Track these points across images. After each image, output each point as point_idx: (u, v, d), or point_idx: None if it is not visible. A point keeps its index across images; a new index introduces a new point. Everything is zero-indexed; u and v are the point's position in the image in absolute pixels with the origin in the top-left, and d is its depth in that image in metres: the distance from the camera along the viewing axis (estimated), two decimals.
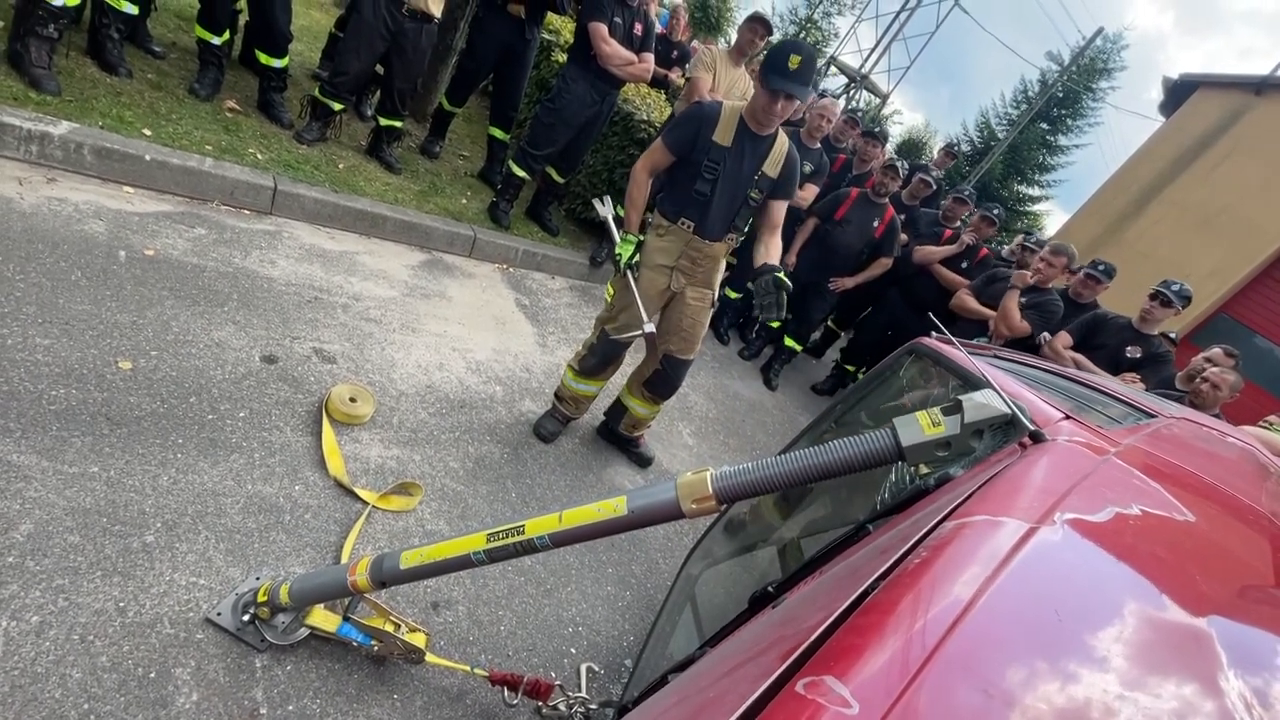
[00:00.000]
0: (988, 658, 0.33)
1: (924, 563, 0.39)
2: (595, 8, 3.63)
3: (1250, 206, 7.60)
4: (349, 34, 3.50)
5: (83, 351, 1.94)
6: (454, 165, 4.54)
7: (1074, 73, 19.86)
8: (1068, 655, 0.35)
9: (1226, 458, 1.24)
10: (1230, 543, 0.67)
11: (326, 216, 3.24)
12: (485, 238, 3.88)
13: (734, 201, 2.34)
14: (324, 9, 6.11)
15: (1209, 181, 8.03)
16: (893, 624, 0.34)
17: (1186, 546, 0.60)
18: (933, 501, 0.82)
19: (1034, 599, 0.39)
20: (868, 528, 0.93)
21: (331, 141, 3.73)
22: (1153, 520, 0.59)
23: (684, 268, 2.47)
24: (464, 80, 4.26)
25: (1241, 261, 7.62)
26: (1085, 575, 0.45)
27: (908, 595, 0.36)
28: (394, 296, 3.08)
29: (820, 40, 25.02)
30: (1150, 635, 0.40)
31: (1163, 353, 3.80)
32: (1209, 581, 0.50)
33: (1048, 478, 0.59)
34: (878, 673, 0.30)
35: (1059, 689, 0.33)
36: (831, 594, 0.45)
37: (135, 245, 2.43)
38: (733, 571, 1.88)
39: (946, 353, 1.47)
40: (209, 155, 2.94)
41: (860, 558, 0.59)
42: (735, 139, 2.27)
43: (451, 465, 2.38)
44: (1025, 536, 0.43)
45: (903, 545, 0.46)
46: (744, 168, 2.29)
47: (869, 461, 1.11)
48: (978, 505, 0.50)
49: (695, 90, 3.92)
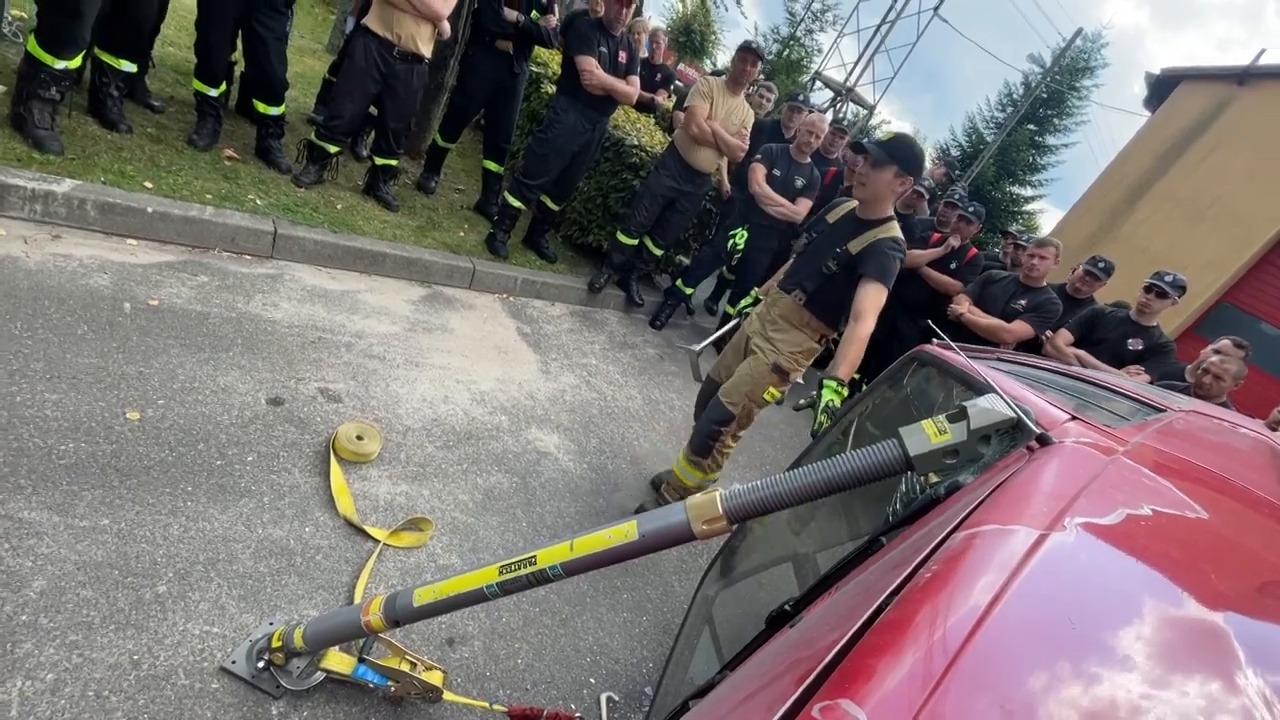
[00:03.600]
0: (1003, 672, 0.33)
1: (935, 577, 0.39)
2: (581, 41, 3.71)
3: (1241, 196, 7.62)
4: (342, 78, 3.58)
5: (91, 404, 1.96)
6: (450, 199, 4.60)
7: (1057, 73, 20.09)
8: (1083, 663, 0.35)
9: (1239, 449, 1.23)
10: (1244, 537, 0.66)
11: (327, 257, 3.28)
12: (484, 269, 3.92)
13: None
14: (316, 56, 6.26)
15: (1198, 173, 8.07)
16: (906, 642, 0.34)
17: (1199, 544, 0.60)
18: (943, 511, 0.81)
19: (1047, 608, 0.39)
20: (881, 540, 0.93)
21: (329, 183, 3.79)
22: (1163, 519, 0.59)
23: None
24: (456, 116, 4.34)
25: (1237, 250, 7.62)
26: (1097, 580, 0.45)
27: (920, 611, 0.36)
28: (396, 332, 3.10)
29: (803, 56, 25.42)
30: (1165, 637, 0.40)
31: (1164, 343, 3.79)
32: (1223, 578, 0.50)
33: (1056, 482, 0.59)
34: (893, 694, 0.30)
35: (1075, 699, 0.32)
36: (846, 612, 0.44)
37: (140, 296, 2.46)
38: (749, 591, 1.86)
39: (948, 359, 1.47)
40: (210, 204, 2.99)
41: (873, 573, 0.59)
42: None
43: (461, 498, 2.38)
44: (1036, 544, 0.43)
45: (914, 558, 0.46)
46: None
47: (878, 473, 1.10)
48: (987, 514, 0.49)
49: (692, 118, 3.99)
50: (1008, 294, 4.03)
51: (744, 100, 4.17)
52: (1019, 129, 21.02)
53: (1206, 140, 8.11)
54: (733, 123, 4.08)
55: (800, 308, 2.43)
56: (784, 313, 2.48)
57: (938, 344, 1.67)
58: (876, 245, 2.22)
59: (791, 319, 2.47)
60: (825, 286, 2.36)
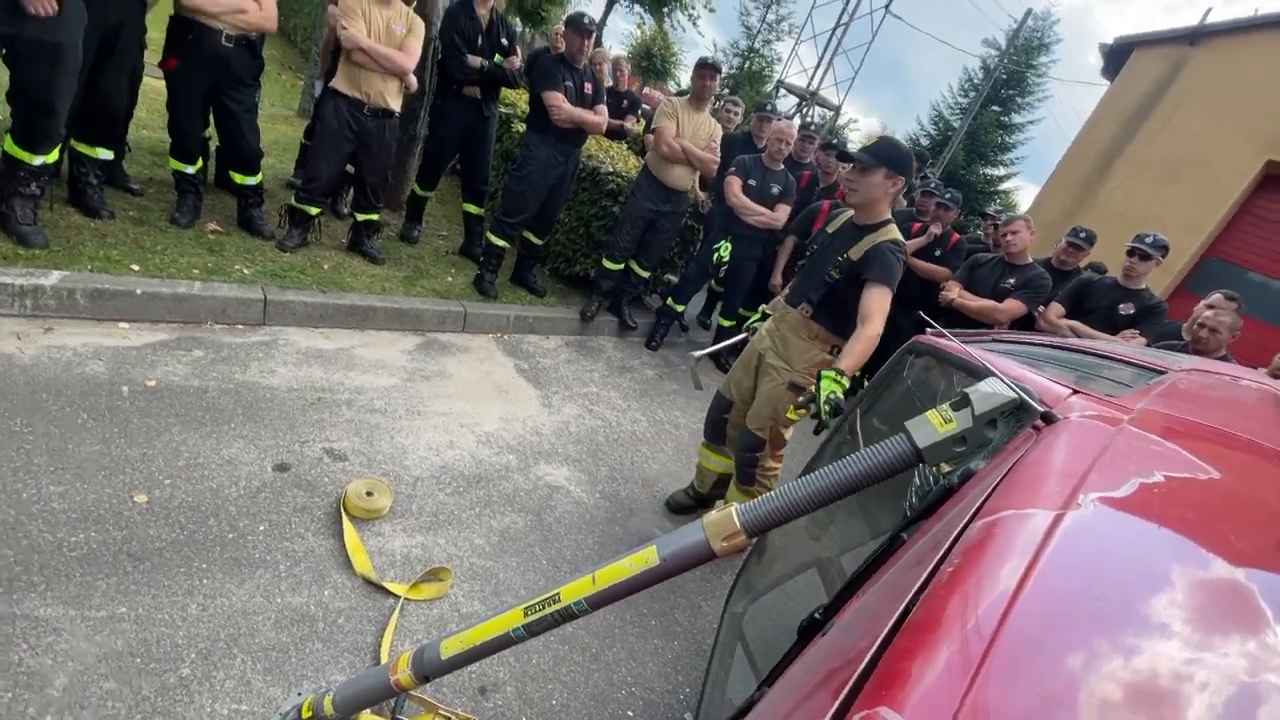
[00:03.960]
0: (1037, 659, 0.33)
1: (957, 571, 0.39)
2: (546, 77, 3.78)
3: (1208, 151, 7.73)
4: (316, 141, 3.64)
5: (98, 492, 1.95)
6: (435, 246, 4.64)
7: (1013, 55, 20.49)
8: (1115, 639, 0.35)
9: (1243, 402, 1.23)
10: (1258, 492, 0.66)
11: (319, 317, 3.29)
12: (476, 311, 3.94)
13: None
14: (289, 121, 6.36)
15: (1164, 135, 8.19)
16: (936, 641, 0.34)
17: (1214, 505, 0.60)
18: (959, 500, 0.81)
19: (1072, 588, 0.39)
20: (902, 536, 0.92)
21: (314, 244, 3.82)
22: (1176, 484, 0.59)
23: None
24: (432, 165, 4.40)
25: (1213, 205, 7.70)
26: (1118, 554, 0.45)
27: (946, 608, 0.36)
28: (395, 384, 3.10)
29: (765, 67, 25.92)
30: (1193, 602, 0.40)
31: (1155, 304, 3.81)
32: (1242, 537, 0.50)
33: (1066, 459, 0.59)
34: (929, 696, 0.30)
35: (1113, 674, 0.32)
36: (874, 616, 0.44)
37: (136, 378, 2.47)
38: (777, 602, 1.84)
39: (944, 346, 1.48)
40: (197, 279, 3.01)
41: (896, 572, 0.58)
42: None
43: (477, 543, 2.36)
44: (1053, 526, 0.43)
45: (935, 553, 0.46)
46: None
47: (889, 469, 1.10)
48: (1001, 500, 0.50)
49: (661, 138, 4.05)
50: (996, 274, 4.06)
51: (709, 115, 4.24)
52: (984, 112, 21.39)
53: (1167, 102, 8.25)
54: (701, 138, 4.14)
55: (808, 320, 2.45)
56: (794, 327, 2.51)
57: (932, 333, 1.68)
58: (877, 249, 2.24)
59: (801, 333, 2.49)
60: (830, 296, 2.38)
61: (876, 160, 2.21)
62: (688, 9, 9.76)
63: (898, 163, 2.22)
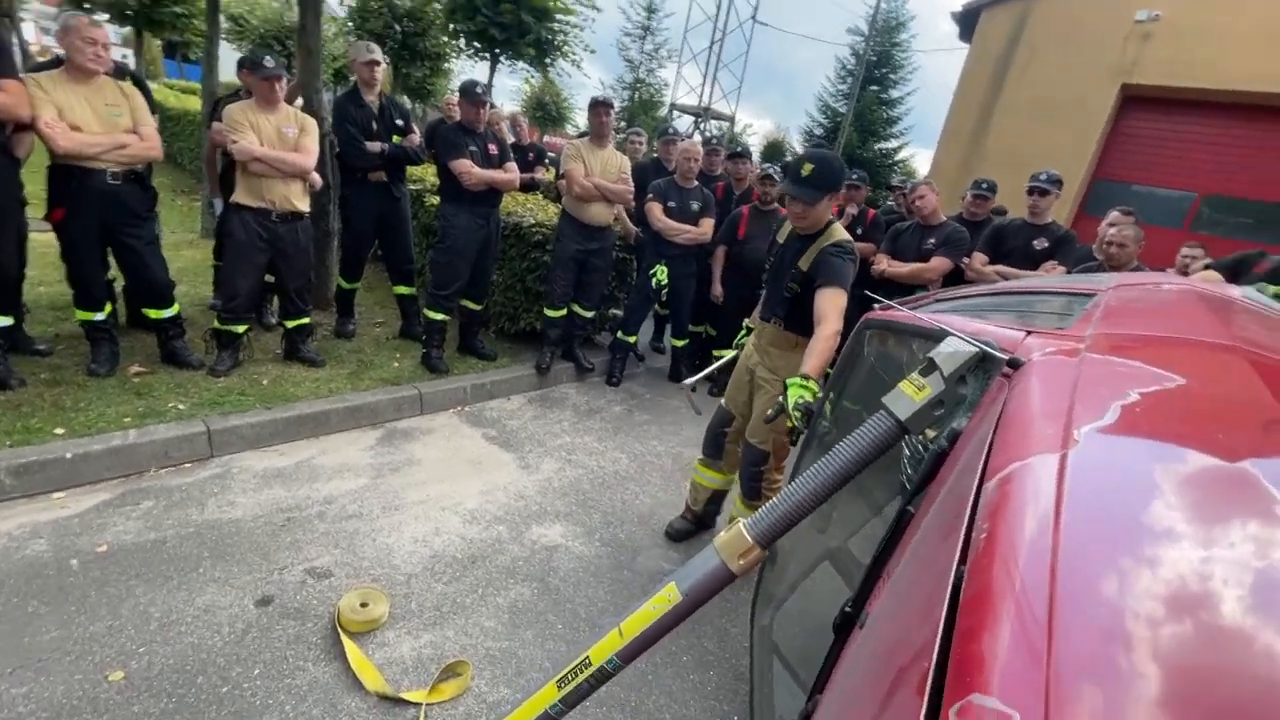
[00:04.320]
0: (1100, 604, 0.34)
1: (990, 537, 0.40)
2: (450, 147, 3.80)
3: (1071, 87, 8.39)
4: (227, 258, 3.53)
5: (67, 682, 1.78)
6: (373, 336, 4.54)
7: (876, 38, 21.87)
8: (1164, 560, 0.36)
9: (1173, 305, 1.32)
10: (1221, 386, 0.70)
11: (269, 435, 3.15)
12: (430, 390, 3.85)
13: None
14: (194, 245, 6.15)
15: (1028, 80, 8.85)
16: (999, 615, 0.34)
17: (1193, 407, 0.63)
18: (956, 460, 0.83)
19: (1104, 524, 0.40)
20: (909, 510, 0.93)
21: (247, 363, 3.68)
22: (1151, 397, 0.62)
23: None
24: (353, 257, 4.33)
25: (1087, 133, 8.33)
26: (1131, 478, 0.47)
27: (994, 578, 0.36)
28: (365, 484, 2.99)
29: (654, 93, 26.81)
30: (1215, 501, 0.42)
31: (1065, 234, 4.06)
32: (1230, 430, 0.53)
33: (1046, 401, 0.61)
34: (1015, 671, 0.30)
35: (1176, 596, 0.33)
36: (922, 601, 0.44)
37: (85, 548, 2.29)
38: (802, 605, 1.82)
39: (895, 318, 1.53)
40: (131, 427, 2.85)
41: (922, 547, 0.59)
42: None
43: (487, 625, 2.26)
44: (1061, 470, 0.45)
45: (959, 522, 0.47)
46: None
47: (880, 447, 1.12)
48: (1003, 456, 0.51)
49: (573, 180, 4.11)
50: (916, 239, 4.25)
51: (614, 150, 4.34)
52: (864, 93, 22.64)
53: (1023, 51, 8.94)
54: (611, 172, 4.23)
55: (783, 332, 2.53)
56: (772, 340, 2.59)
57: (879, 308, 1.74)
58: (822, 254, 2.33)
59: (780, 344, 2.56)
60: (794, 308, 2.46)
61: (820, 192, 2.28)
62: (569, 56, 10.03)
63: (837, 181, 2.31)
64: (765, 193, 4.55)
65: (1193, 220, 8.19)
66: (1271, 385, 0.66)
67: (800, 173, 2.28)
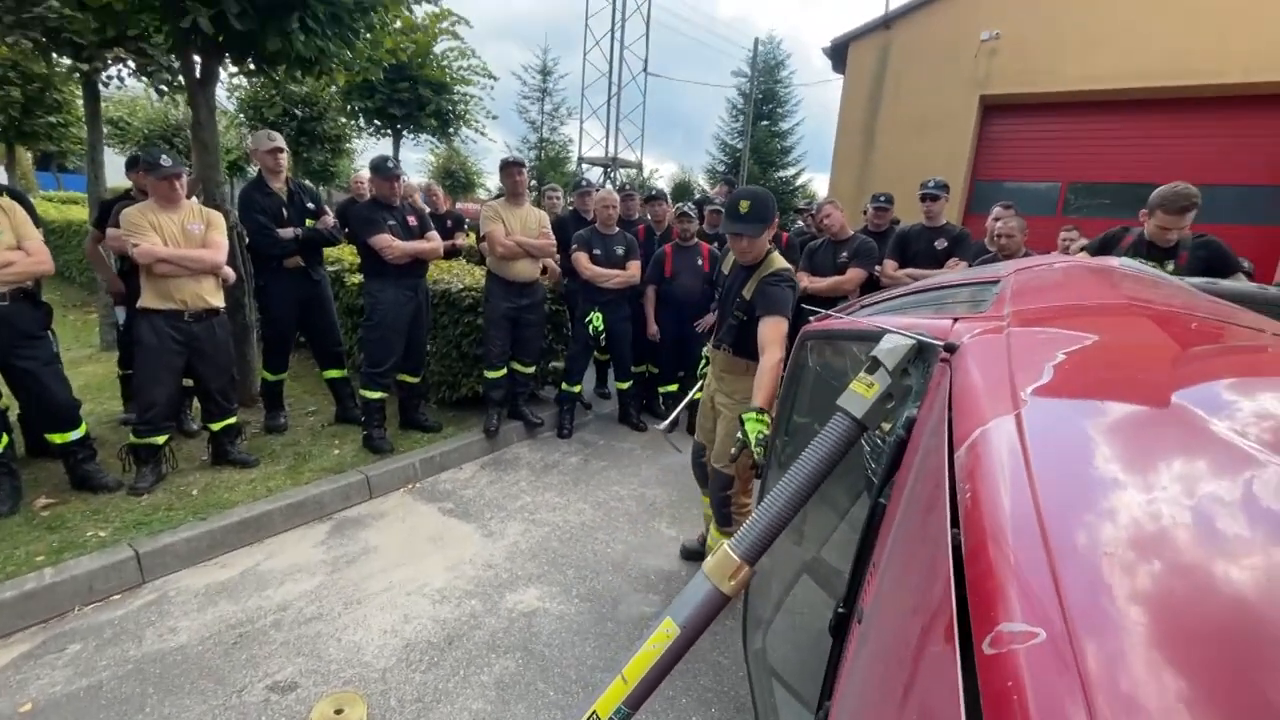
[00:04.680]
0: (1085, 526, 0.38)
1: (974, 495, 0.44)
2: (367, 224, 3.77)
3: (939, 101, 9.26)
4: (139, 366, 3.31)
5: None
6: (308, 425, 4.33)
7: (759, 78, 23.46)
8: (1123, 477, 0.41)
9: (1069, 277, 1.47)
10: (1130, 335, 0.80)
11: (207, 548, 2.92)
12: (377, 472, 3.70)
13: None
14: (94, 359, 5.74)
15: (901, 101, 9.70)
16: (1003, 554, 0.38)
17: (1111, 356, 0.72)
18: (917, 444, 0.89)
19: (1068, 461, 0.45)
20: (881, 502, 0.98)
21: (172, 475, 3.42)
22: (1075, 354, 0.70)
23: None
24: (276, 347, 4.16)
25: (960, 140, 9.18)
26: (1077, 418, 0.53)
27: (990, 527, 0.40)
28: (321, 582, 2.81)
29: (560, 150, 27.53)
30: (1146, 425, 0.49)
31: (960, 233, 4.42)
32: (1144, 370, 0.61)
33: (987, 373, 0.68)
34: (1031, 596, 0.33)
35: (1143, 505, 0.38)
36: (923, 570, 0.48)
37: (5, 711, 2.03)
38: (790, 622, 1.84)
39: (832, 326, 1.62)
40: (44, 565, 2.58)
41: (913, 524, 0.63)
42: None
43: (476, 708, 2.15)
44: (1019, 425, 0.50)
45: (940, 493, 0.51)
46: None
47: (843, 447, 1.18)
48: (965, 425, 0.56)
49: (495, 242, 4.14)
50: (830, 255, 4.51)
51: (530, 206, 4.43)
52: (756, 128, 24.11)
53: (891, 75, 9.81)
54: (531, 229, 4.30)
55: (733, 358, 2.63)
56: (725, 368, 2.69)
57: (815, 320, 1.83)
58: (760, 285, 2.46)
59: (732, 369, 2.66)
60: (741, 335, 2.56)
61: (762, 224, 2.41)
62: (472, 124, 10.21)
63: (770, 213, 2.44)
64: (684, 230, 4.73)
65: (1063, 206, 9.08)
66: (1165, 328, 0.76)
67: (739, 211, 2.42)
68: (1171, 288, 1.43)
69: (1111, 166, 8.65)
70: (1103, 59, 8.10)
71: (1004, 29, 8.69)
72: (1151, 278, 1.56)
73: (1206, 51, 7.52)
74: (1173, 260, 3.03)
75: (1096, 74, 8.19)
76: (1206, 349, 0.74)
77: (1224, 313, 1.05)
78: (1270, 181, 7.82)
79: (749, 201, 2.42)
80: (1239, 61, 7.40)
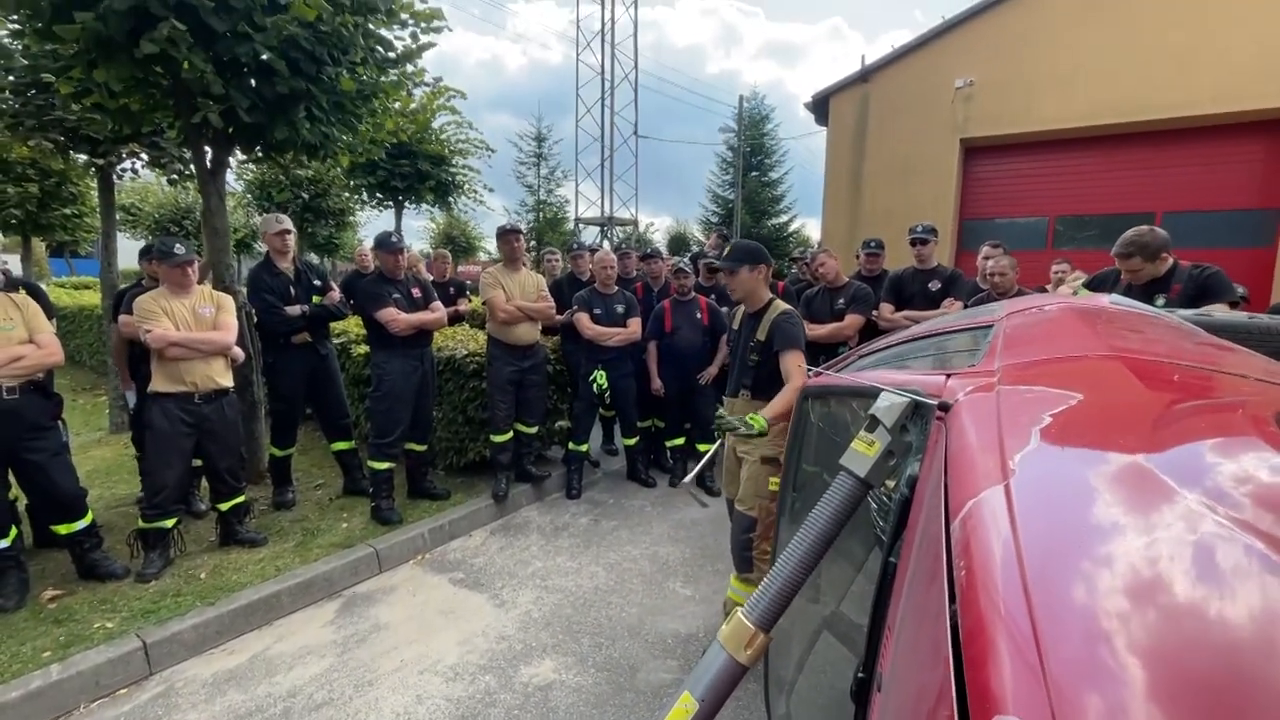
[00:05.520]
0: (1071, 608, 0.39)
1: (969, 574, 0.45)
2: (372, 298, 3.86)
3: (921, 147, 9.57)
4: (149, 449, 3.34)
5: None
6: (315, 500, 4.32)
7: (747, 132, 24.31)
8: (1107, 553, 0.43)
9: (1058, 324, 1.50)
10: (1113, 394, 0.82)
11: (215, 635, 2.87)
12: (386, 545, 3.66)
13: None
14: (103, 443, 5.77)
15: (884, 149, 10.02)
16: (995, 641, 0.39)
17: (1093, 417, 0.74)
18: (920, 504, 0.90)
19: (1054, 537, 0.47)
20: (892, 561, 0.98)
21: (180, 559, 3.40)
22: (1060, 415, 0.72)
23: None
24: (285, 422, 4.19)
25: (945, 182, 9.43)
26: (1062, 489, 0.55)
27: (984, 610, 0.41)
28: (330, 664, 2.74)
29: (557, 211, 28.30)
30: (1130, 495, 0.50)
31: (953, 274, 4.50)
32: (1125, 434, 0.63)
33: (978, 437, 0.70)
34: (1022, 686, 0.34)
35: (1129, 583, 0.40)
36: (927, 646, 0.49)
37: None
38: (814, 682, 1.79)
39: (830, 382, 1.65)
40: (51, 661, 2.53)
41: (918, 595, 0.64)
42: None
43: None
44: (1009, 498, 0.52)
45: (939, 565, 0.52)
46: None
47: (849, 506, 1.18)
48: (958, 495, 0.58)
49: (495, 308, 4.23)
50: (827, 302, 4.58)
51: (528, 271, 4.55)
52: (747, 180, 24.82)
53: (873, 125, 10.17)
54: (530, 293, 4.40)
55: (752, 401, 2.78)
56: (744, 412, 2.74)
57: (811, 376, 1.86)
58: (775, 324, 2.72)
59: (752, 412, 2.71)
60: (759, 375, 2.77)
61: (736, 263, 2.76)
62: (470, 193, 10.56)
63: (753, 256, 2.77)
64: (681, 285, 4.82)
65: (1053, 239, 9.24)
66: (1148, 384, 0.78)
67: (721, 256, 2.83)
68: (1160, 328, 1.46)
69: (1097, 199, 8.84)
70: (1075, 98, 8.41)
71: (976, 75, 9.06)
72: (1141, 316, 1.59)
73: (1172, 85, 7.81)
74: (1164, 294, 3.07)
75: (1071, 112, 8.48)
76: (1188, 406, 0.76)
77: (1210, 357, 1.08)
78: (1257, 205, 7.98)
79: (730, 248, 2.84)
80: (1205, 93, 7.67)
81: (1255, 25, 7.38)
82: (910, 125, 9.68)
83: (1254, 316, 2.06)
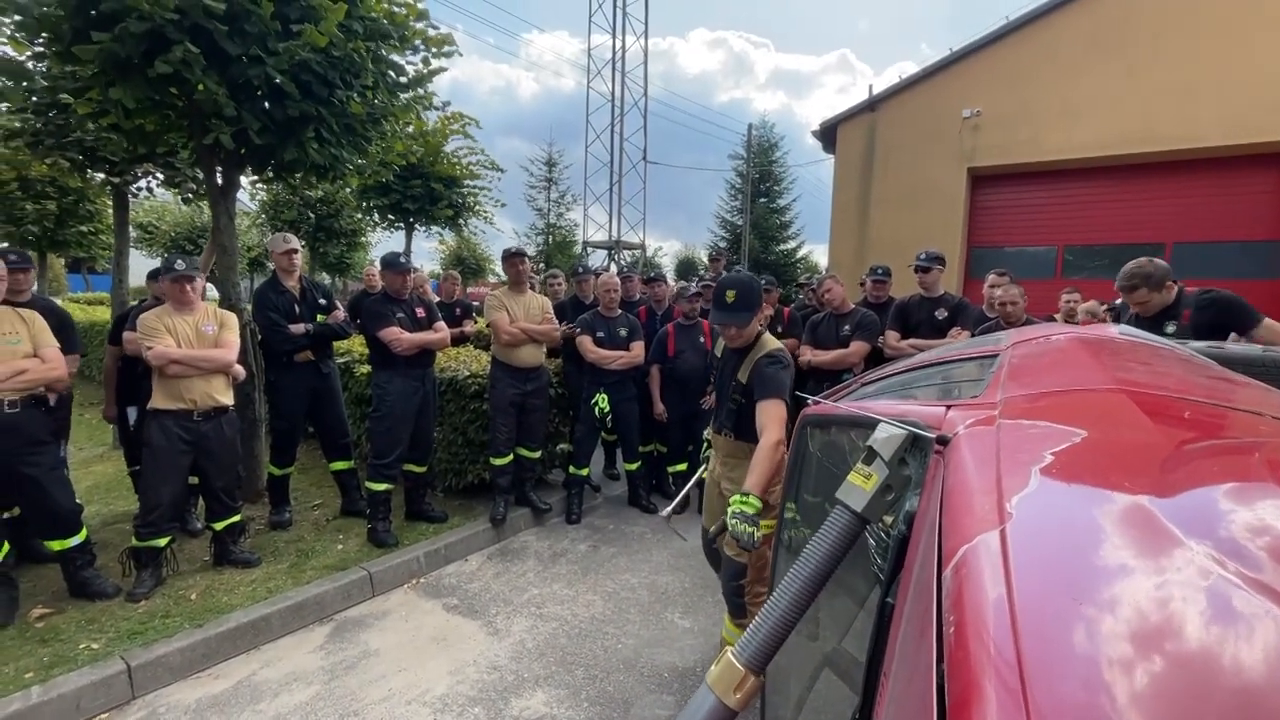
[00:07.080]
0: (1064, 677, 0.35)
1: (958, 630, 0.41)
2: (376, 318, 3.86)
3: (929, 175, 9.60)
4: (146, 467, 3.31)
5: None
6: (312, 520, 4.27)
7: (755, 159, 24.57)
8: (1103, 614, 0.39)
9: (1065, 355, 1.45)
10: (1116, 432, 0.78)
11: (201, 658, 2.81)
12: (380, 568, 3.60)
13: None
14: (105, 459, 5.77)
15: (891, 175, 10.07)
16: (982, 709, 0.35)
17: (1094, 456, 0.69)
18: (917, 543, 0.85)
19: (1049, 593, 0.43)
20: (889, 601, 0.93)
21: (171, 578, 3.35)
22: (1060, 454, 0.68)
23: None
24: (284, 441, 4.16)
25: (952, 210, 9.44)
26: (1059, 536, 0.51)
27: (972, 673, 0.38)
28: (317, 692, 2.67)
29: (566, 234, 28.56)
30: (1129, 543, 0.46)
31: (960, 302, 4.46)
32: (1128, 475, 0.59)
33: (976, 475, 0.66)
34: None
35: (1123, 653, 0.36)
36: (916, 700, 0.44)
37: None
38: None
39: (829, 411, 1.60)
40: (33, 683, 2.48)
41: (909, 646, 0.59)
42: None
43: None
44: (1003, 545, 0.48)
45: (929, 617, 0.48)
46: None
47: (845, 542, 1.13)
48: (952, 539, 0.54)
49: (499, 330, 4.23)
50: (833, 328, 4.55)
51: (533, 293, 4.55)
52: (755, 206, 24.99)
53: (880, 153, 10.24)
54: (534, 315, 4.40)
55: (735, 442, 2.59)
56: (729, 452, 2.64)
57: (810, 404, 1.82)
58: (756, 368, 2.44)
59: (736, 454, 2.61)
60: (741, 418, 2.53)
61: (749, 313, 2.43)
62: (481, 214, 10.67)
63: (757, 299, 2.45)
64: (689, 310, 4.81)
65: (1062, 268, 9.20)
66: (1155, 419, 0.74)
67: (725, 300, 2.43)
68: (1170, 360, 1.41)
69: (1107, 228, 8.82)
70: (1083, 129, 8.43)
71: (983, 105, 9.12)
72: (1150, 347, 1.55)
73: (1179, 119, 7.83)
74: (1174, 321, 3.01)
75: (1078, 143, 8.50)
76: (1198, 446, 0.72)
77: (1222, 392, 1.03)
78: (1270, 236, 7.92)
79: (734, 291, 2.43)
80: (1213, 126, 7.68)
81: (1261, 58, 7.41)
82: (917, 154, 9.73)
83: (1269, 349, 2.01)
